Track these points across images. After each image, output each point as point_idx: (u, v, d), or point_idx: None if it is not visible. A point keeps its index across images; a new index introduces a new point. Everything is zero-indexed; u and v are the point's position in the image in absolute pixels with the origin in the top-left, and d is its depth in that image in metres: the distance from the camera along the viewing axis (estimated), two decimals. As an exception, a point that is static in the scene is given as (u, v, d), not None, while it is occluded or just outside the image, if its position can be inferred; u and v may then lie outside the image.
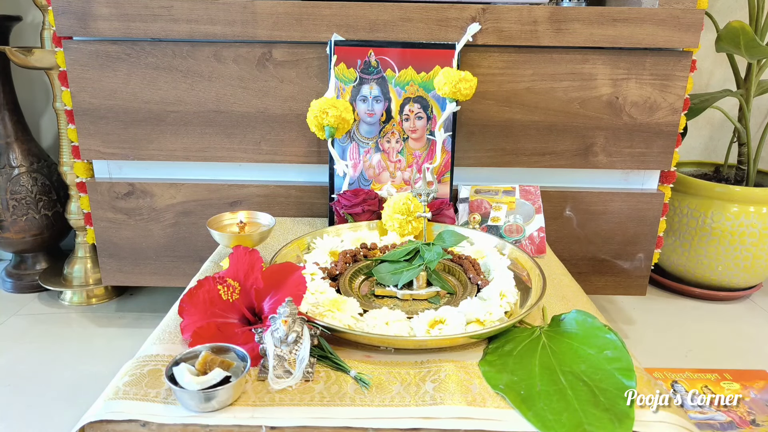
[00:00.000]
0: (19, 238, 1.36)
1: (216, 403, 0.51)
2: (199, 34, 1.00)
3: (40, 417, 0.95)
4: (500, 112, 1.06)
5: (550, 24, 1.00)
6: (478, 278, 0.77)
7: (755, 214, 1.30)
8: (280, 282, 0.64)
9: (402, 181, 1.05)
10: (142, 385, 0.54)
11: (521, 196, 1.03)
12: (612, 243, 1.15)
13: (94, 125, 1.06)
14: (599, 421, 0.49)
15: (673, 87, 1.05)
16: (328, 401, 0.53)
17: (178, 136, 1.07)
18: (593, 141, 1.08)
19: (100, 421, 0.51)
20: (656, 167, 1.11)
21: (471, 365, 0.59)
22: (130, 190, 1.10)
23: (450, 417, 0.51)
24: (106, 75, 1.03)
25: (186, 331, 0.63)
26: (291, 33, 1.00)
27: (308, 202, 1.11)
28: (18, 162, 1.34)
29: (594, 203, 1.12)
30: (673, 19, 1.00)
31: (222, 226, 0.84)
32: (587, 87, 1.05)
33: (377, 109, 1.02)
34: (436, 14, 1.00)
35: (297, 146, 1.08)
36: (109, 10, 0.99)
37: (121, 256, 1.15)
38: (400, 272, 0.75)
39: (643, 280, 1.18)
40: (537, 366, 0.58)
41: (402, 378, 0.57)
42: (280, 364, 0.56)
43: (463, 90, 0.94)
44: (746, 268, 1.35)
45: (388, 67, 1.01)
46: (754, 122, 1.51)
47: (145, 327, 1.25)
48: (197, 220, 1.12)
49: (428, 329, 0.63)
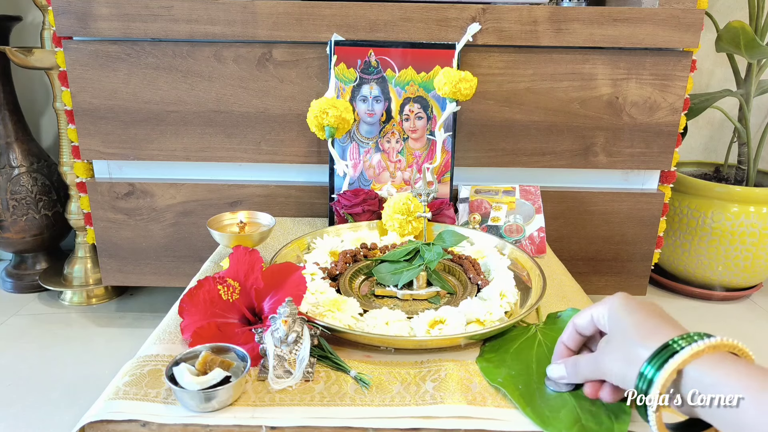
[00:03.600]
0: (19, 238, 1.36)
1: (216, 403, 0.51)
2: (199, 34, 1.00)
3: (40, 417, 0.95)
4: (500, 112, 1.06)
5: (550, 24, 1.00)
6: (478, 278, 0.77)
7: (755, 214, 1.30)
8: (280, 282, 0.64)
9: (402, 181, 1.05)
10: (142, 385, 0.54)
11: (521, 196, 1.03)
12: (612, 243, 1.15)
13: (94, 125, 1.06)
14: (596, 417, 0.49)
15: (673, 87, 1.05)
16: (328, 401, 0.53)
17: (178, 136, 1.07)
18: (593, 141, 1.08)
19: (101, 421, 0.50)
20: (656, 167, 1.11)
21: (471, 364, 0.59)
22: (130, 190, 1.10)
23: (450, 416, 0.51)
24: (106, 75, 1.03)
25: (186, 331, 0.63)
26: (291, 33, 1.00)
27: (308, 202, 1.11)
28: (18, 162, 1.34)
29: (594, 203, 1.12)
30: (673, 19, 1.00)
31: (222, 226, 0.84)
32: (587, 87, 1.05)
33: (377, 109, 1.02)
34: (436, 14, 1.00)
35: (297, 146, 1.08)
36: (109, 10, 0.99)
37: (121, 256, 1.15)
38: (400, 272, 0.75)
39: (643, 280, 1.18)
40: (534, 362, 0.58)
41: (402, 378, 0.57)
42: (280, 364, 0.56)
43: (463, 90, 0.94)
44: (746, 268, 1.35)
45: (388, 67, 1.01)
46: (754, 122, 1.51)
47: (145, 327, 1.25)
48: (197, 220, 1.12)
49: (428, 329, 0.63)
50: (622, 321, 0.47)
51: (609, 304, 0.49)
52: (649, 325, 0.45)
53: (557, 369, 0.53)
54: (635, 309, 0.47)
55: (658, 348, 0.42)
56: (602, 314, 0.49)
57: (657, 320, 0.46)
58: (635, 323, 0.46)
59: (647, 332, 0.44)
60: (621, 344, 0.46)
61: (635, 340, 0.44)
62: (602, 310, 0.50)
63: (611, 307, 0.49)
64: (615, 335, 0.47)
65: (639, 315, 0.46)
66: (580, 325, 0.52)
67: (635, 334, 0.45)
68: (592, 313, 0.51)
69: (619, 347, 0.46)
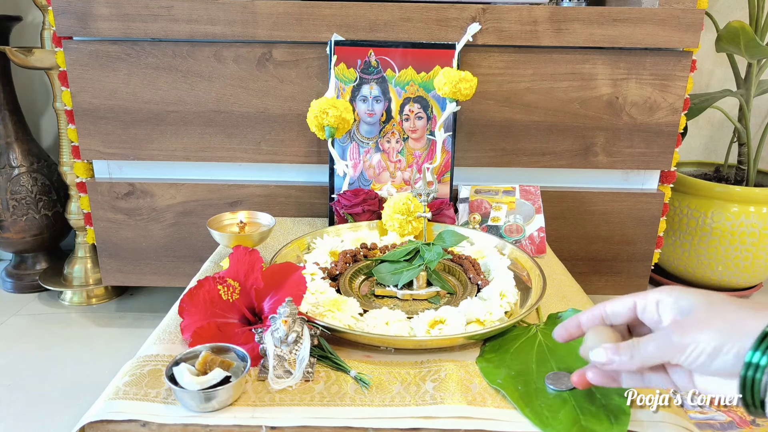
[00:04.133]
0: (19, 238, 1.36)
1: (216, 403, 0.51)
2: (199, 34, 1.00)
3: (40, 417, 0.95)
4: (500, 112, 1.06)
5: (550, 24, 1.00)
6: (478, 278, 0.77)
7: (755, 214, 1.30)
8: (280, 282, 0.64)
9: (402, 181, 1.05)
10: (143, 385, 0.54)
11: (521, 196, 1.03)
12: (612, 243, 1.15)
13: (94, 125, 1.06)
14: (596, 418, 0.49)
15: (673, 87, 1.05)
16: (328, 401, 0.53)
17: (178, 136, 1.07)
18: (593, 141, 1.08)
19: (101, 421, 0.51)
20: (656, 167, 1.11)
21: (471, 365, 0.59)
22: (130, 190, 1.10)
23: (450, 416, 0.51)
24: (106, 75, 1.03)
25: (186, 331, 0.63)
26: (291, 33, 1.00)
27: (308, 202, 1.11)
28: (18, 162, 1.34)
29: (594, 203, 1.12)
30: (673, 19, 1.00)
31: (222, 226, 0.84)
32: (587, 87, 1.05)
33: (377, 109, 1.02)
34: (436, 14, 1.00)
35: (297, 146, 1.08)
36: (109, 10, 0.99)
37: (121, 256, 1.15)
38: (400, 272, 0.75)
39: (643, 280, 1.18)
40: (534, 363, 0.58)
41: (402, 378, 0.57)
42: (280, 364, 0.56)
43: (463, 90, 0.94)
44: (746, 268, 1.35)
45: (388, 67, 1.01)
46: (754, 122, 1.51)
47: (145, 327, 1.25)
48: (197, 220, 1.12)
49: (428, 329, 0.63)
50: (695, 302, 0.43)
51: (666, 291, 0.45)
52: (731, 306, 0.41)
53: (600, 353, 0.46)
54: (703, 293, 0.43)
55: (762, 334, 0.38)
56: (654, 301, 0.45)
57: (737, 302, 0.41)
58: (714, 307, 0.41)
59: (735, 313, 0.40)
60: (704, 323, 0.41)
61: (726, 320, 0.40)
62: (654, 298, 0.46)
63: (672, 292, 0.45)
64: (691, 315, 0.42)
65: (712, 297, 0.43)
66: (615, 312, 0.48)
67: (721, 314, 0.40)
68: (636, 300, 0.47)
69: (703, 326, 0.41)
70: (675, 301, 0.44)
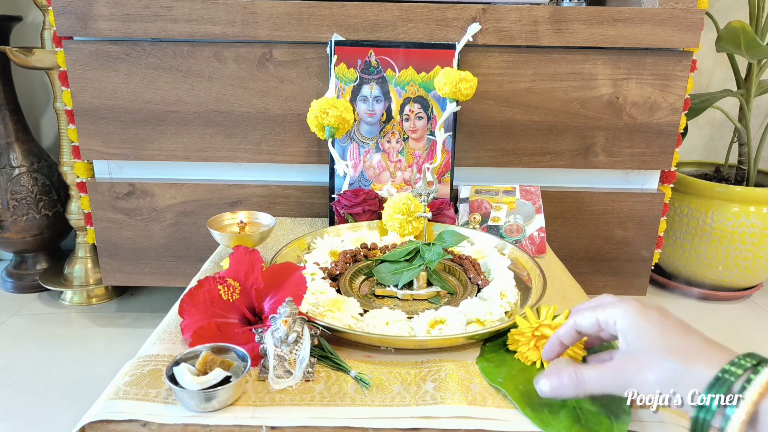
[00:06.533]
0: (19, 238, 1.36)
1: (216, 403, 0.51)
2: (200, 34, 1.00)
3: (40, 417, 0.95)
4: (500, 112, 1.06)
5: (550, 24, 1.00)
6: (479, 278, 0.77)
7: (755, 214, 1.30)
8: (281, 282, 0.64)
9: (402, 181, 1.05)
10: (143, 385, 0.54)
11: (521, 196, 1.03)
12: (612, 243, 1.15)
13: (94, 125, 1.06)
14: (596, 418, 0.49)
15: (673, 87, 1.05)
16: (329, 401, 0.53)
17: (179, 136, 1.07)
18: (593, 141, 1.08)
19: (101, 421, 0.50)
20: (656, 167, 1.11)
21: (471, 365, 0.59)
22: (131, 190, 1.10)
23: (450, 416, 0.51)
24: (107, 75, 1.03)
25: (186, 331, 0.63)
26: (291, 33, 1.00)
27: (308, 202, 1.11)
28: (18, 162, 1.34)
29: (594, 203, 1.12)
30: (673, 19, 1.00)
31: (222, 226, 0.84)
32: (587, 87, 1.05)
33: (377, 109, 1.02)
34: (437, 14, 1.00)
35: (297, 146, 1.08)
36: (109, 10, 0.99)
37: (121, 256, 1.15)
38: (400, 272, 0.75)
39: (643, 280, 1.18)
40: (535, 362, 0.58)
41: (402, 378, 0.57)
42: (281, 364, 0.56)
43: (464, 90, 0.94)
44: (746, 268, 1.35)
45: (388, 67, 1.01)
46: (754, 122, 1.51)
47: (145, 327, 1.25)
48: (197, 220, 1.12)
49: (428, 329, 0.63)
50: (647, 334, 0.44)
51: (623, 311, 0.46)
52: (683, 344, 0.42)
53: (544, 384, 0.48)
54: (659, 321, 0.44)
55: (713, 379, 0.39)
56: (612, 320, 0.47)
57: (691, 338, 0.43)
58: (666, 342, 0.43)
59: (687, 354, 0.42)
60: (655, 362, 0.42)
61: (676, 362, 0.41)
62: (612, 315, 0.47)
63: (627, 315, 0.46)
64: (641, 350, 0.44)
65: (666, 329, 0.44)
66: (583, 326, 0.50)
67: (673, 353, 0.42)
68: (598, 317, 0.48)
69: (653, 365, 0.42)
70: (624, 326, 0.46)
